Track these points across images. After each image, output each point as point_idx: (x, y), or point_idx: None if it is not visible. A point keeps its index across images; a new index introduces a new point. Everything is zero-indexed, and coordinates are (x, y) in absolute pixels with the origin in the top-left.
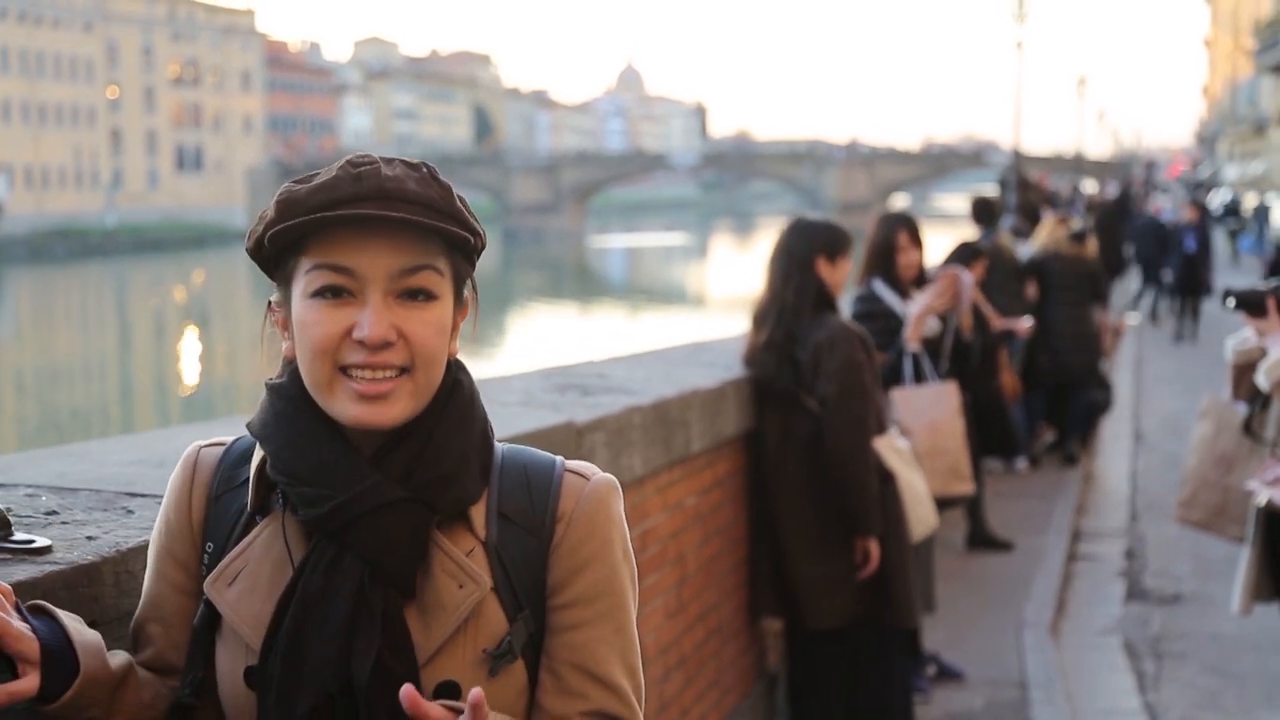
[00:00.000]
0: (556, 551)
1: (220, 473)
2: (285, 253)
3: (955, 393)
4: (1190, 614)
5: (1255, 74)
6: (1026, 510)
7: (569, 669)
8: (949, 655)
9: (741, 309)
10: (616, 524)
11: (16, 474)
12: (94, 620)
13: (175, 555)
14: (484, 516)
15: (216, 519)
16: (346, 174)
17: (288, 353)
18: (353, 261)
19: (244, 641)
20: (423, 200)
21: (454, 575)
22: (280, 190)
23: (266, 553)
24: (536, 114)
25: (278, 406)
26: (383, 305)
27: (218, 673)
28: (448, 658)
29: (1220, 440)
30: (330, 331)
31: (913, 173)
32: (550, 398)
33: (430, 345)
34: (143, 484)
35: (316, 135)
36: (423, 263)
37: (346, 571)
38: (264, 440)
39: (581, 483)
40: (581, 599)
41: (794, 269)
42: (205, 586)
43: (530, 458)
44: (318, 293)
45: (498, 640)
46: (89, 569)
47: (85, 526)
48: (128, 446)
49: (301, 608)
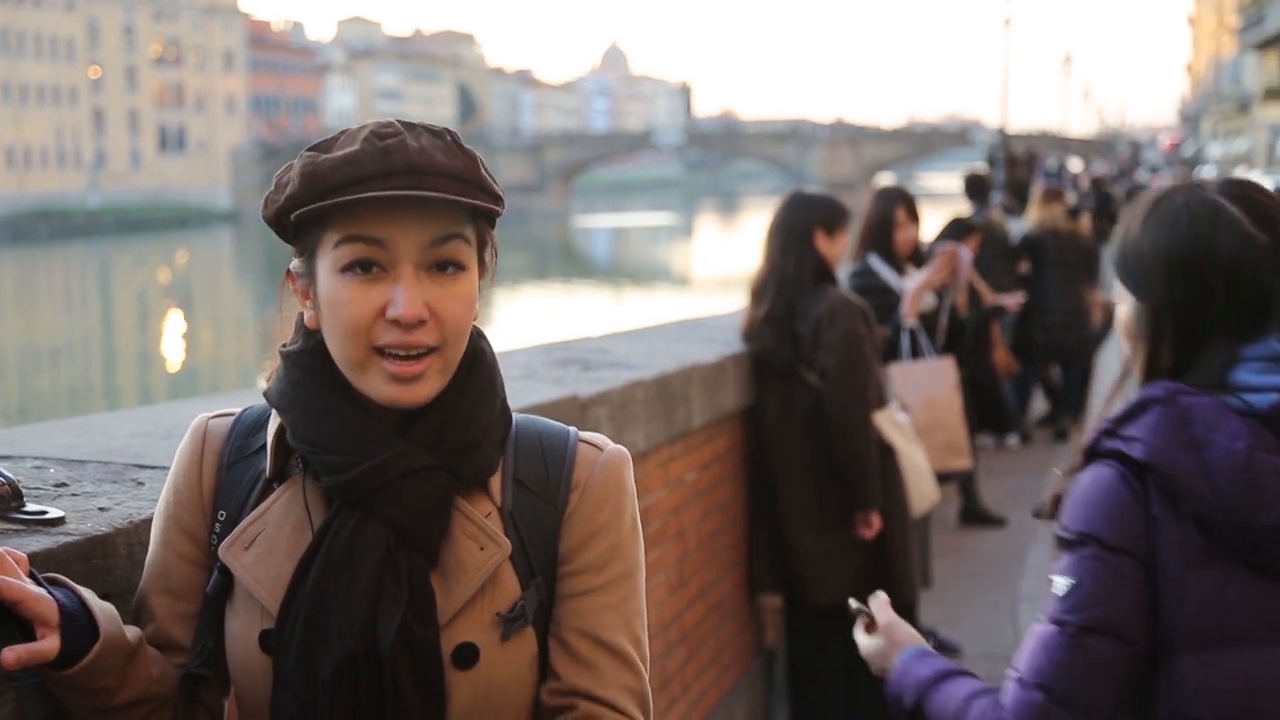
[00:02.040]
0: (570, 520)
1: (232, 441)
2: (308, 225)
3: (952, 368)
4: None
5: (1239, 51)
6: (1019, 486)
7: (577, 635)
8: (945, 631)
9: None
10: (629, 495)
11: (22, 446)
12: (107, 593)
13: (184, 525)
14: (500, 483)
15: (229, 487)
16: (372, 147)
17: (310, 323)
18: (383, 233)
19: (259, 605)
20: (451, 172)
21: (475, 537)
22: (301, 160)
23: (285, 517)
24: (521, 94)
25: (294, 376)
26: (415, 281)
27: (228, 640)
28: (466, 620)
29: None
30: (364, 310)
31: (898, 151)
32: (553, 372)
33: (461, 322)
34: (151, 456)
35: (300, 115)
36: (452, 232)
37: (372, 536)
38: (282, 410)
39: (595, 453)
40: (592, 566)
41: (793, 242)
42: (220, 551)
43: (545, 427)
44: (348, 268)
45: (511, 604)
46: (103, 540)
47: (96, 498)
48: (134, 419)
49: (325, 571)
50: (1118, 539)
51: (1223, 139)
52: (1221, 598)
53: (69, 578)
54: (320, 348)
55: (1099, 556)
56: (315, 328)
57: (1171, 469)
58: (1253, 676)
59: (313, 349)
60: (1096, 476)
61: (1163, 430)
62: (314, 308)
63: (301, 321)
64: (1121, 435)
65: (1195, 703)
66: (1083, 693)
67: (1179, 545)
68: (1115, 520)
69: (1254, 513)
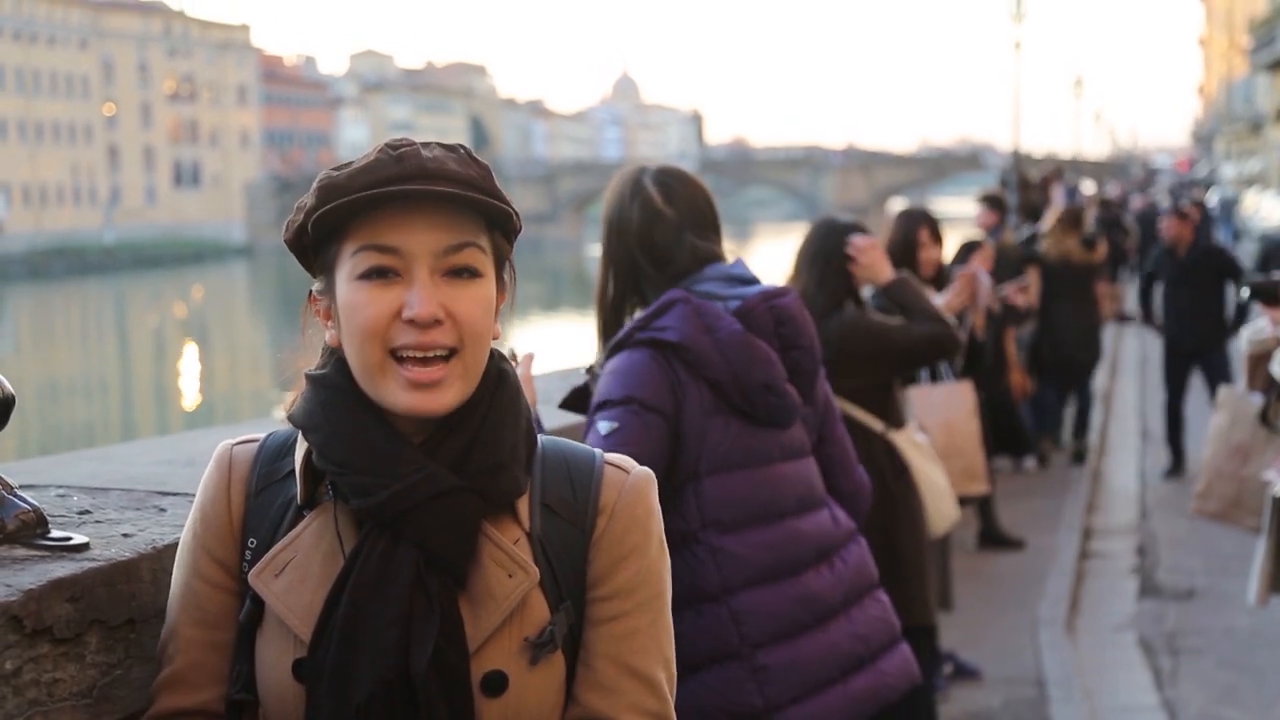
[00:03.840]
0: (598, 544)
1: (258, 468)
2: (327, 239)
3: (970, 392)
4: (1204, 609)
5: (1250, 72)
6: (1036, 509)
7: (605, 662)
8: (965, 654)
9: None
10: (655, 516)
11: (46, 475)
12: (131, 618)
13: (213, 553)
14: (528, 507)
15: (258, 514)
16: (387, 156)
17: (332, 341)
18: (398, 241)
19: (291, 633)
20: (464, 179)
21: (503, 565)
22: (319, 178)
23: (317, 543)
24: (533, 124)
25: (322, 396)
26: (430, 283)
27: (260, 667)
28: (494, 647)
29: (1235, 431)
30: (380, 312)
31: (910, 176)
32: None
33: (478, 323)
34: (173, 483)
35: (313, 149)
36: (467, 239)
37: (401, 560)
38: (309, 430)
39: (622, 476)
40: (622, 591)
41: (818, 262)
42: (250, 578)
43: (570, 449)
44: (364, 275)
45: (540, 629)
46: (127, 566)
47: (120, 525)
48: (156, 447)
49: (356, 596)
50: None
51: (1236, 159)
52: (726, 437)
53: (94, 602)
54: (344, 365)
55: (637, 413)
56: (337, 345)
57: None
58: (747, 488)
59: (337, 368)
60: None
61: (688, 320)
62: (335, 325)
63: (326, 345)
64: (654, 327)
65: (715, 507)
66: None
67: (699, 402)
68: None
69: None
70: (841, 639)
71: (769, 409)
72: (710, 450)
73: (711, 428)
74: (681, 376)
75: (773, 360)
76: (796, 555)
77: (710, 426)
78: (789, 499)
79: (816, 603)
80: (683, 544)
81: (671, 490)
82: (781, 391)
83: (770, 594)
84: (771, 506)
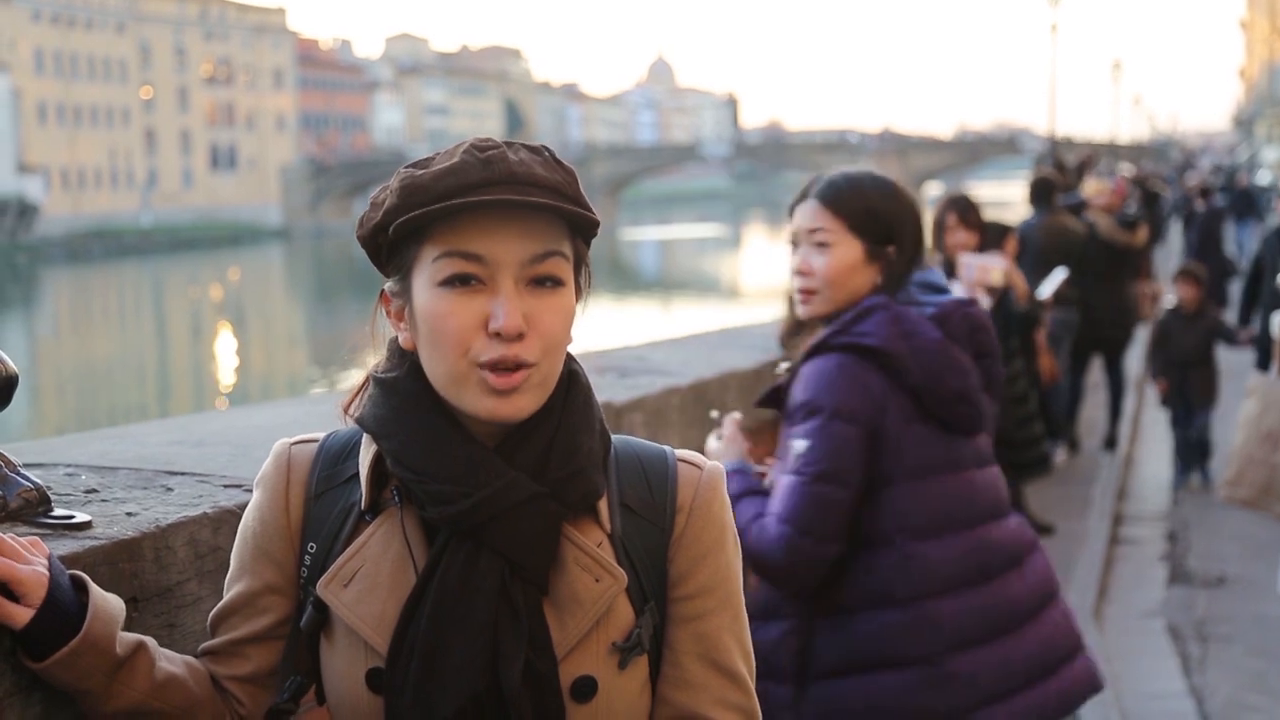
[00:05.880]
0: (678, 543)
1: (318, 470)
2: (406, 240)
3: None
4: (1234, 597)
5: None
6: (1066, 494)
7: (692, 659)
8: None
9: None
10: (729, 510)
11: (56, 454)
12: (134, 596)
13: (271, 555)
14: (608, 509)
15: (318, 519)
16: (474, 159)
17: (406, 344)
18: (484, 249)
19: (363, 642)
20: (551, 185)
21: (589, 569)
22: (400, 176)
23: (385, 551)
24: (567, 107)
25: (394, 402)
26: (515, 294)
27: (329, 677)
28: (582, 652)
29: (1266, 418)
30: (465, 323)
31: (946, 161)
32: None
33: (559, 336)
34: (182, 463)
35: (349, 132)
36: (552, 249)
37: (485, 569)
38: (383, 437)
39: (696, 472)
40: (704, 589)
41: None
42: (319, 589)
43: (641, 448)
44: (447, 281)
45: (626, 632)
46: (129, 544)
47: (125, 504)
48: (168, 428)
49: (438, 606)
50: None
51: (1278, 143)
52: (923, 443)
53: (95, 581)
54: (418, 370)
55: (831, 426)
56: (411, 349)
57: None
58: (943, 495)
59: (411, 372)
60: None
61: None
62: (409, 328)
63: (395, 346)
64: (854, 332)
65: (910, 513)
66: (816, 525)
67: (898, 409)
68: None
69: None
70: (1030, 646)
71: (963, 417)
72: (907, 456)
73: (908, 434)
74: (880, 382)
75: (969, 368)
76: (989, 562)
77: (907, 432)
78: (983, 506)
79: (1009, 609)
80: (875, 547)
81: (868, 494)
82: (975, 400)
83: (963, 600)
84: (967, 513)
